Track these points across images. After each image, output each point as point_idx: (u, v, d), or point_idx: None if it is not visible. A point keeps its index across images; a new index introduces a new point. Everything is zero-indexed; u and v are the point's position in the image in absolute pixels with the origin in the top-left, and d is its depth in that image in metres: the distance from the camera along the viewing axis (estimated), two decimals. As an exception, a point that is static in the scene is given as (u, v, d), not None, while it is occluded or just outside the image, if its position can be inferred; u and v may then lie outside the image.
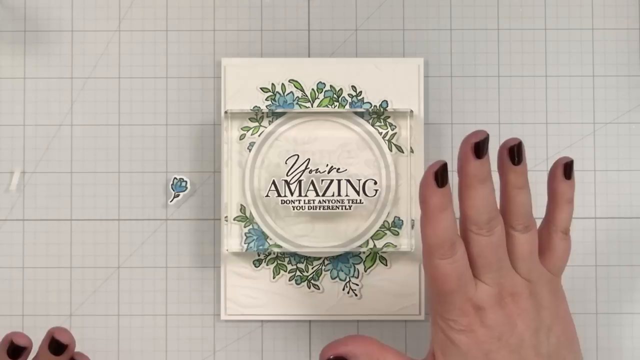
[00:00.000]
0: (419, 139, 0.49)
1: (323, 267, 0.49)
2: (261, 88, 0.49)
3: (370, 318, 0.49)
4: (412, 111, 0.48)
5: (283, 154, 0.48)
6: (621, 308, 0.49)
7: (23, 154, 0.50)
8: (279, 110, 0.49)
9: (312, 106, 0.49)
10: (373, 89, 0.49)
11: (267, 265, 0.49)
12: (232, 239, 0.48)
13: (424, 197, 0.37)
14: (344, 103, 0.49)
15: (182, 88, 0.50)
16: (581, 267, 0.49)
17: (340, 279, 0.49)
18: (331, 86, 0.49)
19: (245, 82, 0.49)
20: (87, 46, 0.50)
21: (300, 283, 0.49)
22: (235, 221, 0.48)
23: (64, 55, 0.50)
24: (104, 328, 0.49)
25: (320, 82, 0.49)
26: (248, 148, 0.49)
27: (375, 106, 0.49)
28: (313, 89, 0.49)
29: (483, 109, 0.50)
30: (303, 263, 0.49)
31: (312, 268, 0.49)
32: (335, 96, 0.49)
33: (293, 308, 0.49)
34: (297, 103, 0.49)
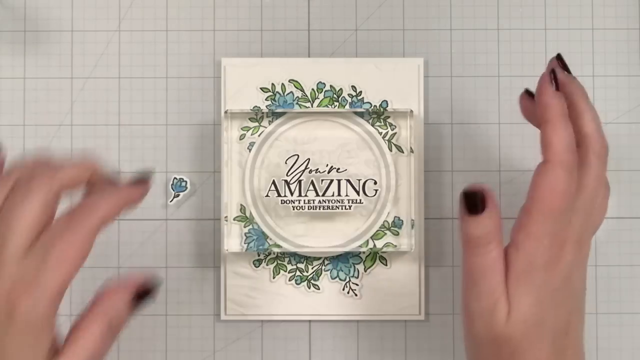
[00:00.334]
0: (419, 139, 0.49)
1: (323, 267, 0.49)
2: (261, 88, 0.49)
3: (370, 318, 0.49)
4: (412, 111, 0.48)
5: (283, 154, 0.48)
6: (621, 308, 0.49)
7: (23, 154, 0.50)
8: (279, 110, 0.49)
9: (312, 106, 0.49)
10: (373, 89, 0.49)
11: (267, 265, 0.49)
12: (232, 239, 0.48)
13: (546, 103, 0.38)
14: (344, 103, 0.49)
15: (182, 88, 0.50)
16: (581, 267, 0.49)
17: (340, 279, 0.49)
18: (331, 86, 0.49)
19: (245, 82, 0.49)
20: (87, 46, 0.50)
21: (300, 283, 0.49)
22: (235, 221, 0.48)
23: (64, 55, 0.50)
24: (104, 328, 0.49)
25: (320, 82, 0.49)
26: (248, 148, 0.49)
27: (375, 106, 0.49)
28: (313, 89, 0.49)
29: (483, 109, 0.50)
30: (303, 263, 0.49)
31: (312, 268, 0.49)
32: (335, 96, 0.49)
33: (293, 308, 0.49)
34: (297, 103, 0.49)
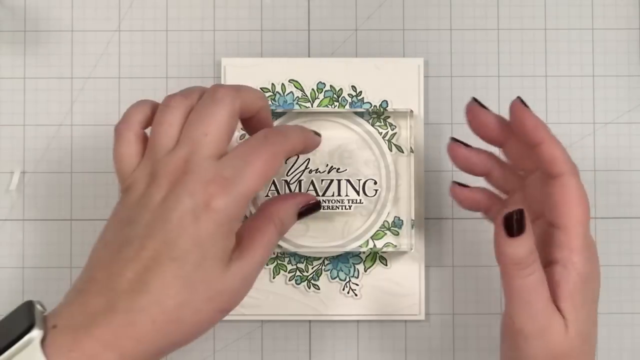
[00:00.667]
0: (419, 139, 0.49)
1: (323, 267, 0.49)
2: (261, 88, 0.49)
3: (370, 318, 0.49)
4: (412, 111, 0.48)
5: (283, 154, 0.48)
6: (621, 308, 0.49)
7: (23, 154, 0.50)
8: (279, 110, 0.49)
9: (312, 106, 0.49)
10: (373, 89, 0.49)
11: (267, 265, 0.49)
12: (232, 239, 0.48)
13: (534, 124, 0.39)
14: (344, 103, 0.49)
15: (182, 88, 0.50)
16: (581, 267, 0.49)
17: (340, 279, 0.49)
18: (331, 86, 0.49)
19: (245, 82, 0.49)
20: (87, 46, 0.50)
21: (299, 283, 0.49)
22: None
23: (64, 55, 0.50)
24: (104, 328, 0.49)
25: (320, 82, 0.49)
26: (248, 148, 0.49)
27: (375, 106, 0.49)
28: (313, 89, 0.49)
29: (483, 109, 0.50)
30: (303, 263, 0.49)
31: (312, 268, 0.49)
32: (335, 96, 0.49)
33: (293, 308, 0.49)
34: (297, 103, 0.49)
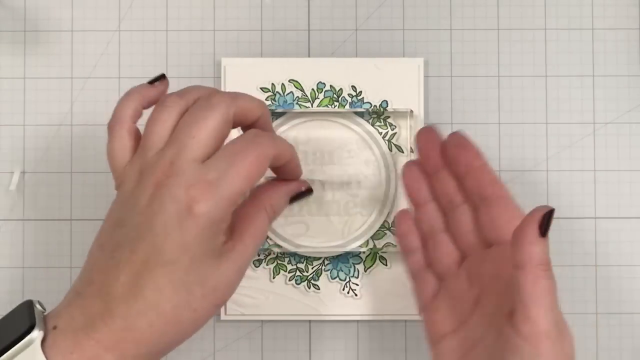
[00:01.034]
0: (419, 139, 0.49)
1: (323, 267, 0.49)
2: (261, 88, 0.49)
3: (370, 318, 0.49)
4: (412, 111, 0.48)
5: (283, 154, 0.48)
6: (621, 308, 0.49)
7: (23, 154, 0.50)
8: (279, 110, 0.49)
9: (312, 106, 0.49)
10: (373, 89, 0.49)
11: (267, 265, 0.49)
12: (232, 239, 0.48)
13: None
14: (344, 103, 0.49)
15: (182, 88, 0.50)
16: (581, 267, 0.49)
17: (340, 279, 0.49)
18: (331, 86, 0.49)
19: (245, 82, 0.49)
20: (87, 46, 0.50)
21: (299, 283, 0.49)
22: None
23: (64, 55, 0.50)
24: (104, 328, 0.49)
25: (320, 82, 0.49)
26: (248, 148, 0.48)
27: (375, 106, 0.49)
28: (313, 89, 0.49)
29: (483, 109, 0.50)
30: (303, 263, 0.49)
31: (312, 268, 0.49)
32: (335, 96, 0.49)
33: (293, 308, 0.49)
34: (297, 103, 0.49)
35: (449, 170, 0.42)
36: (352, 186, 0.48)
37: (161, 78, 0.40)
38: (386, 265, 0.49)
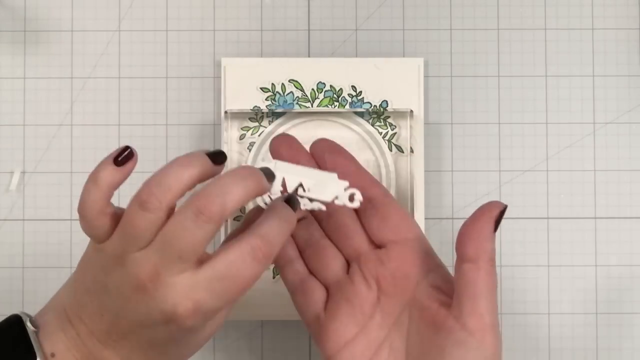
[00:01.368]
0: (419, 139, 0.49)
1: (323, 267, 0.49)
2: (261, 88, 0.49)
3: (370, 318, 0.49)
4: (412, 111, 0.48)
5: (283, 154, 0.48)
6: (621, 308, 0.49)
7: (23, 154, 0.50)
8: (279, 110, 0.49)
9: (312, 106, 0.49)
10: (373, 89, 0.49)
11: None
12: (232, 239, 0.48)
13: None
14: (344, 103, 0.49)
15: (182, 88, 0.50)
16: (581, 267, 0.49)
17: (340, 279, 0.49)
18: (331, 86, 0.49)
19: (245, 82, 0.49)
20: (87, 46, 0.50)
21: (300, 283, 0.49)
22: (235, 221, 0.48)
23: (64, 55, 0.50)
24: (104, 328, 0.49)
25: (320, 82, 0.49)
26: (248, 148, 0.49)
27: (375, 106, 0.49)
28: (313, 89, 0.49)
29: (483, 109, 0.50)
30: (303, 263, 0.49)
31: (312, 268, 0.49)
32: (335, 96, 0.49)
33: (293, 308, 0.49)
34: (297, 103, 0.49)
35: None
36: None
37: (127, 152, 0.36)
38: (386, 265, 0.49)
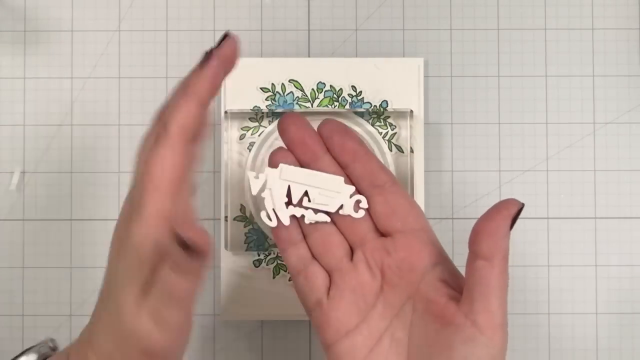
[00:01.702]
0: (419, 139, 0.49)
1: (323, 267, 0.49)
2: (261, 88, 0.49)
3: (370, 318, 0.49)
4: (412, 111, 0.48)
5: (283, 154, 0.48)
6: (621, 308, 0.49)
7: (23, 154, 0.50)
8: (279, 110, 0.49)
9: (312, 106, 0.49)
10: (373, 89, 0.49)
11: (267, 265, 0.49)
12: (232, 239, 0.48)
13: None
14: (344, 103, 0.49)
15: (182, 88, 0.50)
16: (580, 267, 0.49)
17: (340, 279, 0.49)
18: (331, 86, 0.49)
19: (245, 82, 0.49)
20: (87, 46, 0.50)
21: (300, 283, 0.49)
22: (235, 221, 0.48)
23: (64, 55, 0.50)
24: (104, 328, 0.49)
25: (320, 82, 0.49)
26: (248, 148, 0.49)
27: (375, 106, 0.49)
28: (313, 89, 0.49)
29: (483, 109, 0.50)
30: (303, 263, 0.49)
31: (312, 268, 0.49)
32: (335, 96, 0.49)
33: (293, 308, 0.49)
34: (297, 103, 0.49)
35: (329, 158, 0.38)
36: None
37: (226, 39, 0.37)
38: (386, 265, 0.49)
